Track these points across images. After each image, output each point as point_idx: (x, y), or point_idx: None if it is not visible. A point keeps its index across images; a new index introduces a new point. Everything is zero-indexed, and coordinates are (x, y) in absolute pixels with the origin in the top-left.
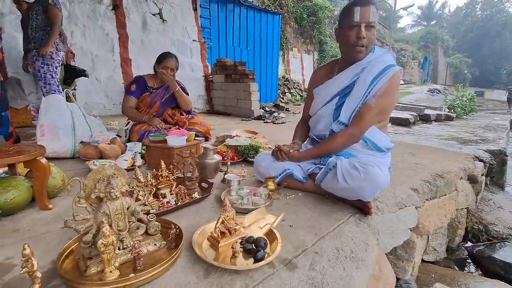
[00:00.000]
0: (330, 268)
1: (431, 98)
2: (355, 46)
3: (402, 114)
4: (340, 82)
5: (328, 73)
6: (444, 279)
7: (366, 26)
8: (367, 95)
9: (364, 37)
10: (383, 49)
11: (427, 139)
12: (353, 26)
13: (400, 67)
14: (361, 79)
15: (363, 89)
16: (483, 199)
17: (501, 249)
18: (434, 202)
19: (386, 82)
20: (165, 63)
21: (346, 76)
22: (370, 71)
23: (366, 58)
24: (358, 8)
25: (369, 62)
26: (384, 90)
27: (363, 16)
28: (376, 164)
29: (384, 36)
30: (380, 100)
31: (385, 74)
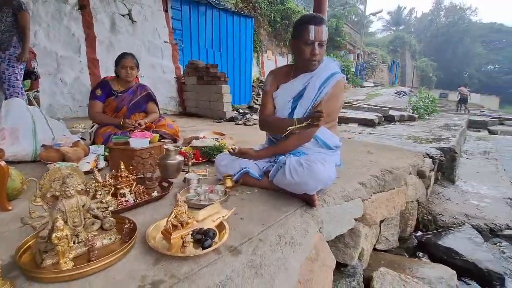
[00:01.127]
0: (270, 252)
1: (398, 100)
2: (310, 60)
3: (368, 115)
4: (295, 87)
5: (285, 77)
6: (392, 264)
7: (319, 44)
8: (316, 99)
9: (317, 54)
10: (330, 59)
11: (388, 139)
12: (307, 44)
13: (343, 74)
14: (311, 84)
15: (313, 94)
16: (434, 192)
17: (445, 237)
18: (382, 195)
19: (332, 88)
20: (122, 62)
21: (300, 82)
22: (319, 78)
23: (319, 66)
24: (313, 27)
25: (318, 70)
26: (330, 94)
27: (317, 35)
28: (320, 161)
29: (355, 40)
30: (327, 103)
31: (331, 80)
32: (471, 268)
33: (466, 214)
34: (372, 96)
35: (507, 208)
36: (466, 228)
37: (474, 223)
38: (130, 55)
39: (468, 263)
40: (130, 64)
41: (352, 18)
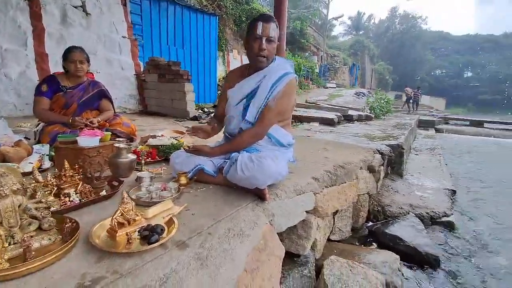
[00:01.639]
0: (217, 245)
1: (357, 101)
2: (257, 56)
3: (329, 115)
4: (248, 86)
5: (240, 76)
6: (344, 253)
7: (267, 40)
8: (268, 98)
9: (264, 49)
10: (283, 59)
11: (345, 137)
12: (256, 39)
13: (295, 74)
14: (263, 84)
15: (265, 93)
16: (384, 185)
17: (392, 225)
18: (334, 189)
19: (283, 87)
20: (71, 56)
21: (253, 81)
22: (271, 77)
23: (269, 66)
24: (261, 23)
25: (271, 69)
26: (281, 93)
27: (265, 31)
28: (271, 157)
29: (319, 43)
30: (279, 102)
31: (283, 80)
32: (412, 252)
33: (410, 204)
34: (334, 97)
35: (445, 198)
36: (410, 217)
37: (417, 212)
38: (78, 48)
39: (410, 247)
40: (79, 58)
41: (316, 22)
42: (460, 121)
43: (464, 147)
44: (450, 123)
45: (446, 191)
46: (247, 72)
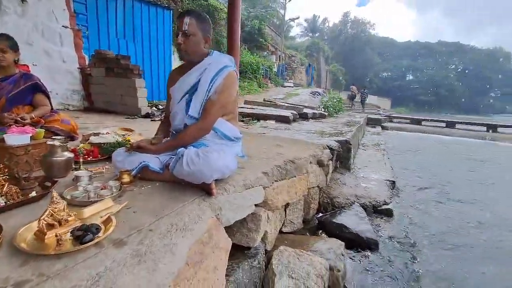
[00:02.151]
0: (158, 240)
1: (312, 99)
2: (178, 48)
3: (285, 113)
4: (189, 81)
5: (180, 73)
6: (294, 243)
7: (183, 34)
8: (209, 91)
9: (180, 43)
10: (221, 54)
11: (299, 134)
12: (177, 32)
13: (234, 68)
14: (203, 78)
15: (205, 87)
16: (333, 179)
17: (339, 215)
18: (283, 183)
19: (222, 80)
20: None
21: (193, 75)
22: (210, 71)
23: (207, 60)
24: (179, 19)
25: (210, 63)
26: (221, 87)
27: (181, 25)
28: (217, 151)
29: (277, 43)
30: (220, 96)
31: (221, 73)
32: (355, 238)
33: (356, 195)
34: (291, 95)
35: (386, 188)
36: (355, 206)
37: (361, 202)
38: (3, 35)
39: (353, 234)
40: (1, 46)
41: (275, 22)
42: (403, 120)
43: (405, 142)
44: (394, 121)
45: (387, 182)
46: (185, 69)
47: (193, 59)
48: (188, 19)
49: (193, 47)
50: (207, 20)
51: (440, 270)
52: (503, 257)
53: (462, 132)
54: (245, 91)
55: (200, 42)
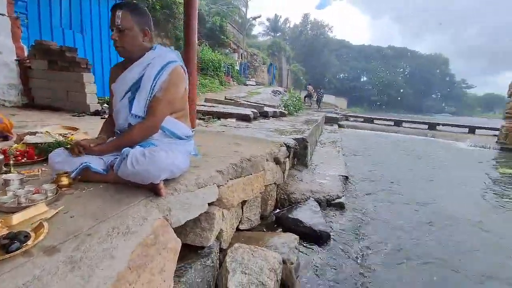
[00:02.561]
0: (97, 245)
1: (274, 98)
2: (114, 45)
3: (246, 111)
4: (130, 78)
5: (121, 69)
6: (251, 240)
7: (117, 29)
8: (153, 89)
9: (115, 39)
10: (166, 48)
11: (258, 132)
12: (111, 27)
13: (181, 63)
14: (146, 74)
15: (149, 84)
16: (291, 175)
17: (295, 210)
18: (239, 181)
19: (168, 76)
20: None
21: (134, 72)
22: (153, 67)
23: (149, 55)
24: (111, 13)
25: (153, 58)
26: (167, 83)
27: (113, 20)
28: (165, 149)
29: (239, 41)
30: (166, 93)
31: (166, 69)
32: (309, 231)
33: (311, 191)
34: (253, 94)
35: (339, 183)
36: (310, 201)
37: (316, 196)
38: None
39: (307, 228)
40: None
41: (237, 19)
42: (357, 118)
43: (359, 139)
44: (350, 120)
45: (341, 177)
46: (127, 65)
47: (132, 55)
48: (121, 13)
49: (130, 43)
50: (143, 12)
51: (387, 258)
52: (448, 240)
53: (408, 130)
54: (207, 89)
55: (137, 36)
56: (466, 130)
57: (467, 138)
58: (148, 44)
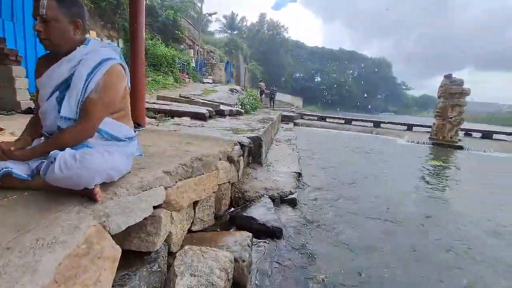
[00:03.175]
0: (17, 259)
1: (231, 97)
2: (38, 37)
3: (201, 110)
4: (58, 75)
5: (49, 63)
6: (203, 241)
7: (41, 19)
8: (86, 89)
9: (38, 30)
10: (101, 42)
11: (212, 131)
12: (34, 17)
13: (119, 61)
14: (77, 72)
15: (80, 83)
16: (245, 174)
17: (249, 208)
18: (189, 181)
19: (104, 75)
20: None
21: (63, 68)
22: (85, 64)
23: (81, 50)
24: (34, 1)
25: (86, 54)
26: (103, 83)
27: (36, 8)
28: (101, 152)
29: (195, 37)
30: (102, 94)
31: (102, 67)
32: (263, 228)
33: (266, 188)
34: (209, 92)
35: (292, 179)
36: (264, 198)
37: (270, 194)
38: None
39: (260, 225)
40: None
41: (192, 15)
42: (312, 117)
43: (313, 136)
44: (305, 118)
45: (294, 174)
46: (55, 58)
47: (59, 49)
48: (46, 1)
49: (57, 35)
50: (74, 1)
51: (335, 249)
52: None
53: (357, 127)
54: (160, 86)
55: (66, 28)
56: (405, 128)
57: (405, 135)
58: (80, 37)
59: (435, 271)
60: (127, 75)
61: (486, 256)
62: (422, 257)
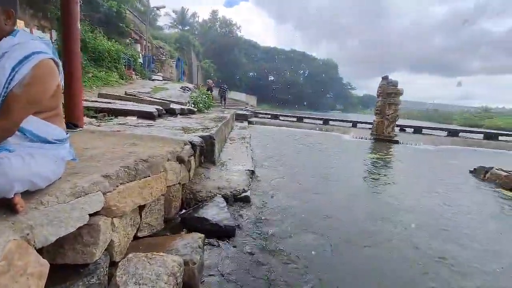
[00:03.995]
0: None
1: (183, 95)
2: None
3: (149, 108)
4: None
5: None
6: (151, 247)
7: None
8: (9, 83)
9: None
10: (30, 35)
11: (161, 130)
12: None
13: (51, 55)
14: (1, 65)
15: (3, 77)
16: (198, 174)
17: (201, 209)
18: (133, 184)
19: (31, 71)
20: None
21: None
22: (11, 56)
23: (8, 41)
24: None
25: (13, 46)
26: (29, 79)
27: None
28: (21, 155)
29: (142, 31)
30: (27, 90)
31: (29, 61)
32: (215, 228)
33: (219, 187)
34: (159, 90)
35: (246, 177)
36: (216, 198)
37: (223, 193)
38: None
39: (213, 225)
40: None
41: (139, 7)
42: (265, 115)
43: (266, 134)
44: (259, 117)
45: (247, 171)
46: None
47: None
48: None
49: None
50: None
51: (287, 246)
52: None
53: (308, 125)
54: (102, 83)
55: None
56: (350, 125)
57: (351, 131)
58: (10, 28)
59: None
60: (60, 73)
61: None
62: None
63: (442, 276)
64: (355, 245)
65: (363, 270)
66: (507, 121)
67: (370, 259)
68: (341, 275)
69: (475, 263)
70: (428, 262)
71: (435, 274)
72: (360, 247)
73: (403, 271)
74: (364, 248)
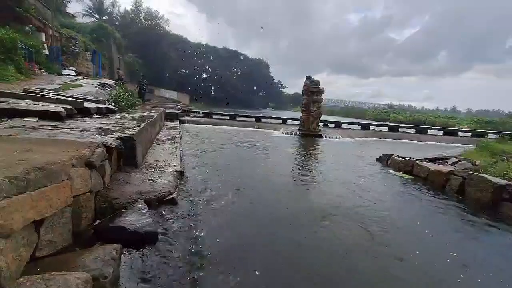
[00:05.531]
0: None
1: (101, 92)
2: None
3: (55, 108)
4: None
5: None
6: (53, 266)
7: None
8: None
9: None
10: None
11: (69, 133)
12: None
13: None
14: None
15: None
16: (115, 179)
17: (118, 217)
18: (24, 197)
19: None
20: None
21: None
22: None
23: None
24: None
25: None
26: None
27: None
28: None
29: (46, 18)
30: None
31: None
32: (135, 236)
33: (140, 192)
34: (71, 87)
35: (173, 179)
36: (137, 203)
37: (146, 197)
38: None
39: (132, 233)
40: None
41: None
42: (198, 114)
43: (198, 134)
44: (191, 115)
45: (175, 173)
46: None
47: None
48: None
49: None
50: None
51: (213, 248)
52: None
53: (240, 123)
54: None
55: None
56: (280, 121)
57: (281, 128)
58: None
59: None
60: None
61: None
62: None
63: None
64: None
65: (278, 255)
66: (405, 115)
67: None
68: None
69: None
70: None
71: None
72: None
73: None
74: (283, 231)
